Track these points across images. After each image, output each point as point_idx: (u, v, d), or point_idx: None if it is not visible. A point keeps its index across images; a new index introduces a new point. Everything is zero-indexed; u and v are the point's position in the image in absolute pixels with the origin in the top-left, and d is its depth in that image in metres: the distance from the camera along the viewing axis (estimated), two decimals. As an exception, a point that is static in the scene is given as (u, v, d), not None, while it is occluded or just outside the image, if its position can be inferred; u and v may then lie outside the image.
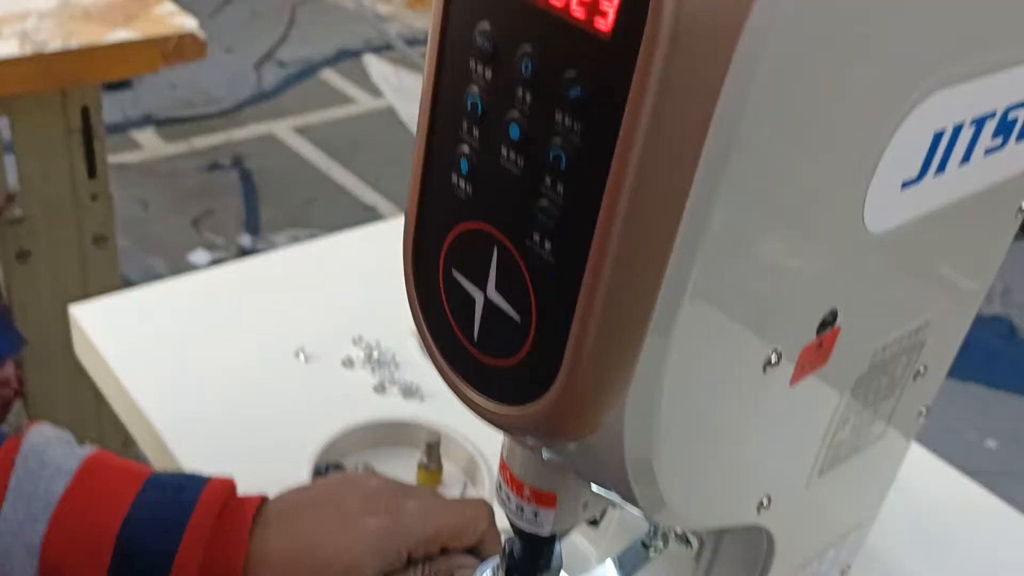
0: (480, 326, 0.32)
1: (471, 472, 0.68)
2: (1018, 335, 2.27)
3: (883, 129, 0.31)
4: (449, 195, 0.32)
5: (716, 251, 0.29)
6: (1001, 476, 1.36)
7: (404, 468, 0.68)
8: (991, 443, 1.95)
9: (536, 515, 0.39)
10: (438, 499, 0.48)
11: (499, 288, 0.31)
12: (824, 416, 0.41)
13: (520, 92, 0.28)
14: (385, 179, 2.74)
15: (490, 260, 0.31)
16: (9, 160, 1.19)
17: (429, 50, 0.31)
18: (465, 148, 0.31)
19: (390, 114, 3.08)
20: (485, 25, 0.29)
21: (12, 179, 1.20)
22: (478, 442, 0.68)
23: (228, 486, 0.46)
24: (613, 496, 0.36)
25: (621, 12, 0.25)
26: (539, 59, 0.27)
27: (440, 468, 0.67)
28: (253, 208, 2.52)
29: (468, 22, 0.29)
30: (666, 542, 0.47)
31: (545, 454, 0.36)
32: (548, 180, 0.28)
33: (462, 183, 0.31)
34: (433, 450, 0.66)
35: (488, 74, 0.29)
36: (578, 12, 0.26)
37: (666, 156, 0.26)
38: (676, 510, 0.35)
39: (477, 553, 0.47)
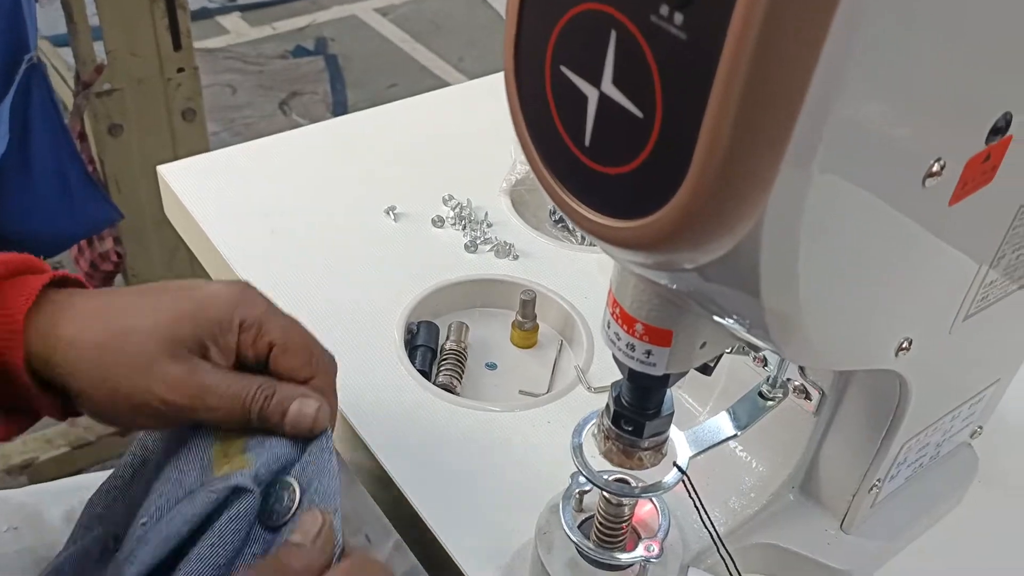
0: (593, 129, 0.28)
1: (567, 332, 0.65)
2: None
3: None
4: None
5: (881, 32, 0.24)
6: None
7: (498, 327, 0.66)
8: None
9: (648, 354, 0.35)
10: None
11: (617, 80, 0.27)
12: (979, 247, 0.36)
13: None
14: (468, 60, 2.67)
15: (606, 47, 0.27)
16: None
17: None
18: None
19: (473, -9, 2.98)
20: None
21: (100, 53, 1.20)
22: (574, 300, 0.65)
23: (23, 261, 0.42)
24: (736, 329, 0.33)
25: None
26: None
27: (536, 327, 0.64)
28: (340, 90, 2.49)
29: None
30: (785, 393, 0.44)
31: (665, 281, 0.32)
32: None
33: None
34: (528, 307, 0.63)
35: None
36: None
37: None
38: (812, 343, 0.31)
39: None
